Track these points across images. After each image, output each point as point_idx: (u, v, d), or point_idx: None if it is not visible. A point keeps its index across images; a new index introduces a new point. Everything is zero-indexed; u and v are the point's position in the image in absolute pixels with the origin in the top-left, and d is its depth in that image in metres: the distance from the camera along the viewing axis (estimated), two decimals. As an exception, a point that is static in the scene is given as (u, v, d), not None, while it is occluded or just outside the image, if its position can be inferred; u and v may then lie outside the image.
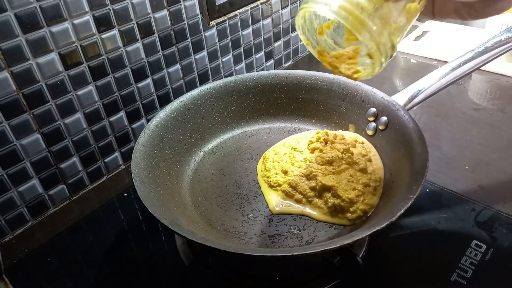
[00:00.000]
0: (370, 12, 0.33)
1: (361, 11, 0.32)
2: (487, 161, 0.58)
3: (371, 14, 0.33)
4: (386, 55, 0.35)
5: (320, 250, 0.33)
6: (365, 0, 0.32)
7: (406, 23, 0.35)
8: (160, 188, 0.46)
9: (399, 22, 0.34)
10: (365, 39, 0.34)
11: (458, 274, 0.43)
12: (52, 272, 0.48)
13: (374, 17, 0.33)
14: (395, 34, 0.34)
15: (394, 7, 0.33)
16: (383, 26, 0.33)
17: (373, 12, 0.33)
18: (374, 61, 0.35)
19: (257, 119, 0.62)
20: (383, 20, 0.33)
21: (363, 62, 0.37)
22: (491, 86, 0.76)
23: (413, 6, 0.34)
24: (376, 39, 0.34)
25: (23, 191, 0.52)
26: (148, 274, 0.47)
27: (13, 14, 0.44)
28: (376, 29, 0.33)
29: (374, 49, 0.34)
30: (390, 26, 0.34)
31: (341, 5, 0.33)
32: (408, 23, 0.35)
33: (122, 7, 0.53)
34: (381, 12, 0.33)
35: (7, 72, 0.46)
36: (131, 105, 0.61)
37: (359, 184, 0.47)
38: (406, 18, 0.35)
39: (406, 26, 0.35)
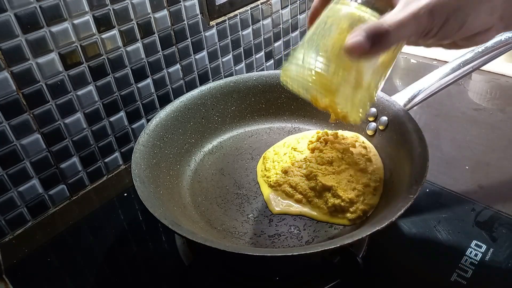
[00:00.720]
0: (342, 77, 0.33)
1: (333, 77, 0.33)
2: (487, 161, 0.58)
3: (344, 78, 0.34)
4: (363, 109, 0.36)
5: (320, 250, 0.33)
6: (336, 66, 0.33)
7: (383, 73, 0.36)
8: (160, 188, 0.46)
9: (375, 75, 0.35)
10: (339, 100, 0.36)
11: (458, 274, 0.43)
12: (52, 272, 0.48)
13: (347, 82, 0.34)
14: (371, 88, 0.35)
15: (366, 64, 0.34)
16: (357, 86, 0.34)
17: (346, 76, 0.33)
18: (353, 115, 0.37)
19: (257, 119, 0.62)
20: (356, 81, 0.34)
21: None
22: (491, 86, 0.76)
23: (387, 57, 0.35)
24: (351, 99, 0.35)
25: (23, 191, 0.52)
26: (148, 274, 0.47)
27: (13, 14, 0.44)
28: (350, 91, 0.34)
29: (347, 109, 0.36)
30: (364, 84, 0.34)
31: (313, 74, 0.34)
32: (385, 71, 0.36)
33: (122, 7, 0.53)
34: (354, 73, 0.34)
35: (7, 72, 0.46)
36: (131, 105, 0.61)
37: (359, 184, 0.47)
38: (382, 69, 0.35)
39: (383, 75, 0.36)
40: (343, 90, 0.34)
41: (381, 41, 0.29)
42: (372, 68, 0.34)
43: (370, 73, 0.35)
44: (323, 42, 0.33)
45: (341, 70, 0.33)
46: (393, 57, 0.35)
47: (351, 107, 0.36)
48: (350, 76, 0.34)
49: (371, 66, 0.34)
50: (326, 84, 0.34)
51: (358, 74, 0.34)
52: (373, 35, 0.29)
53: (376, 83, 0.36)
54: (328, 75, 0.33)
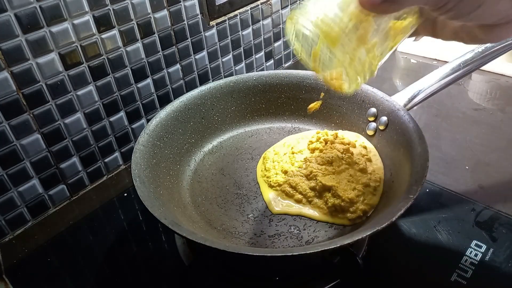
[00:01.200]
0: (346, 27, 0.32)
1: (337, 25, 0.32)
2: (487, 161, 0.58)
3: (348, 29, 0.32)
4: (362, 72, 0.34)
5: (320, 250, 0.33)
6: (344, 15, 0.32)
7: (390, 41, 0.34)
8: (160, 188, 0.46)
9: (381, 40, 0.34)
10: (338, 53, 0.34)
11: (458, 274, 0.43)
12: (52, 272, 0.48)
13: (351, 33, 0.32)
14: (373, 51, 0.34)
15: (375, 23, 0.32)
16: (359, 42, 0.33)
17: (351, 27, 0.32)
18: (349, 76, 0.35)
19: (257, 119, 0.62)
20: (360, 36, 0.33)
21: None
22: (491, 86, 0.76)
23: (398, 24, 0.33)
24: (350, 54, 0.33)
25: (23, 191, 0.52)
26: (148, 274, 0.47)
27: (13, 14, 0.44)
28: (351, 45, 0.33)
29: (347, 63, 0.34)
30: (367, 43, 0.33)
31: (320, 18, 0.32)
32: (393, 41, 0.34)
33: (122, 7, 0.53)
34: (360, 27, 0.32)
35: (7, 72, 0.46)
36: (131, 105, 0.61)
37: (359, 184, 0.47)
38: (391, 36, 0.34)
39: (389, 45, 0.34)
40: (345, 40, 0.32)
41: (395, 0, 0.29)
42: (380, 30, 0.33)
43: (377, 34, 0.33)
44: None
45: (347, 18, 0.32)
46: (405, 28, 0.34)
47: (349, 65, 0.34)
48: (356, 28, 0.32)
49: (379, 26, 0.33)
50: (329, 29, 0.32)
51: (364, 30, 0.32)
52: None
53: (380, 50, 0.34)
54: (333, 19, 0.32)
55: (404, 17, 0.33)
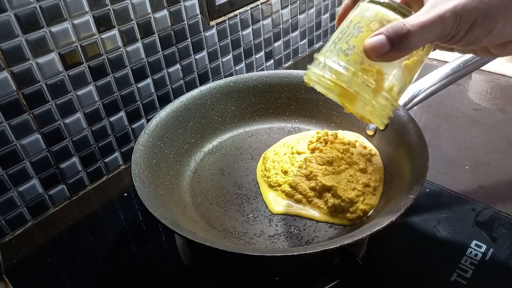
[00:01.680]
0: (360, 83, 0.32)
1: (351, 85, 0.32)
2: (487, 161, 0.58)
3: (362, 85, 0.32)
4: (386, 113, 0.35)
5: (320, 250, 0.33)
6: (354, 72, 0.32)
7: (406, 77, 0.34)
8: (160, 188, 0.46)
9: (397, 81, 0.34)
10: (360, 108, 0.34)
11: (458, 274, 0.43)
12: (52, 272, 0.48)
13: (365, 87, 0.33)
14: (391, 93, 0.34)
15: (387, 71, 0.32)
16: (375, 92, 0.33)
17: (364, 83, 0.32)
18: (374, 122, 0.36)
19: (257, 119, 0.62)
20: (375, 88, 0.33)
21: None
22: (491, 86, 0.76)
23: (410, 62, 0.33)
24: (370, 107, 0.34)
25: (23, 191, 0.52)
26: (148, 274, 0.47)
27: (13, 14, 0.44)
28: (368, 98, 0.33)
29: (367, 115, 0.35)
30: (383, 90, 0.33)
31: (333, 81, 0.33)
32: (409, 76, 0.34)
33: (122, 7, 0.53)
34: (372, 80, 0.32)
35: (7, 72, 0.46)
36: (131, 105, 0.61)
37: (359, 184, 0.47)
38: (406, 74, 0.34)
39: (407, 80, 0.34)
40: (363, 93, 0.33)
41: (402, 43, 0.28)
42: (394, 71, 0.33)
43: (392, 77, 0.33)
44: (345, 43, 0.32)
45: (360, 72, 0.32)
46: (419, 60, 0.34)
47: (370, 113, 0.35)
48: (370, 79, 0.32)
49: (393, 69, 0.33)
50: (345, 87, 0.33)
51: (379, 77, 0.32)
52: (394, 36, 0.28)
53: (399, 88, 0.34)
54: (347, 77, 0.32)
55: (415, 52, 0.33)
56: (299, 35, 0.87)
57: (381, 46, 0.28)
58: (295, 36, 0.86)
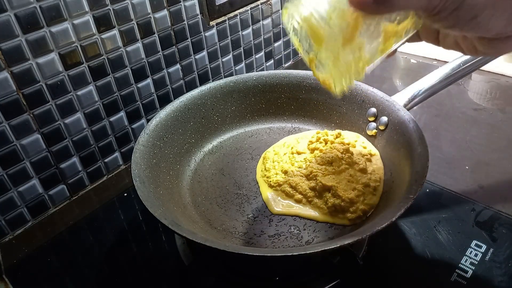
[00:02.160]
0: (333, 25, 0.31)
1: (325, 22, 0.31)
2: (487, 161, 0.58)
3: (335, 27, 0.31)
4: (346, 73, 0.34)
5: (320, 250, 0.33)
6: (333, 12, 0.31)
7: (380, 44, 0.33)
8: (160, 188, 0.46)
9: (369, 41, 0.33)
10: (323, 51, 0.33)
11: (458, 274, 0.43)
12: (52, 272, 0.48)
13: (337, 31, 0.31)
14: (360, 52, 0.33)
15: (364, 23, 0.31)
16: (345, 40, 0.32)
17: (338, 26, 0.31)
18: (333, 77, 0.34)
19: (257, 119, 0.62)
20: (346, 34, 0.31)
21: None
22: (491, 86, 0.76)
23: (390, 27, 0.32)
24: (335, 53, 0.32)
25: (23, 191, 0.52)
26: (148, 274, 0.47)
27: (13, 14, 0.44)
28: (336, 43, 0.32)
29: (331, 62, 0.33)
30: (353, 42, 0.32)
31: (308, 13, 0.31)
32: (383, 44, 0.33)
33: (122, 7, 0.53)
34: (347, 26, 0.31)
35: (7, 72, 0.46)
36: (131, 105, 0.61)
37: (359, 184, 0.47)
38: (381, 39, 0.33)
39: (379, 47, 0.33)
40: (332, 39, 0.32)
41: (387, 1, 0.28)
42: (370, 32, 0.32)
43: (367, 36, 0.32)
44: None
45: (335, 15, 0.31)
46: (398, 33, 0.33)
47: (333, 64, 0.33)
48: (344, 27, 0.31)
49: (370, 29, 0.32)
50: (316, 26, 0.31)
51: (351, 29, 0.31)
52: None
53: (369, 53, 0.33)
54: (321, 16, 0.31)
55: (398, 20, 0.32)
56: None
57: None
58: None
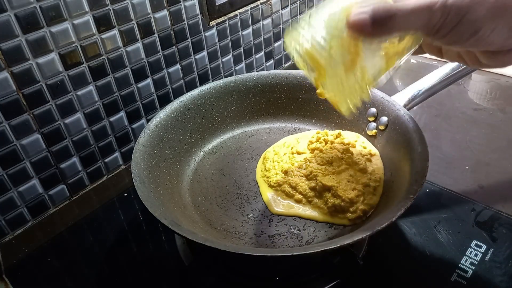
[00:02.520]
0: (334, 54, 0.31)
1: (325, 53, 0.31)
2: (487, 161, 0.58)
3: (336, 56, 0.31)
4: (352, 96, 0.34)
5: (320, 250, 0.33)
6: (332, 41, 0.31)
7: (382, 64, 0.33)
8: (160, 188, 0.46)
9: (372, 63, 0.33)
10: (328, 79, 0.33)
11: (458, 274, 0.43)
12: (52, 272, 0.48)
13: (338, 59, 0.31)
14: (363, 75, 0.33)
15: (364, 46, 0.31)
16: (347, 68, 0.32)
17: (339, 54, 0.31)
18: (339, 101, 0.35)
19: (257, 119, 0.62)
20: (347, 62, 0.32)
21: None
22: (491, 86, 0.76)
23: (391, 47, 0.32)
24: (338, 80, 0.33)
25: (23, 191, 0.52)
26: (148, 274, 0.47)
27: (13, 14, 0.44)
28: (338, 71, 0.32)
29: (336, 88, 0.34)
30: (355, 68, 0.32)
31: (309, 45, 0.32)
32: (386, 64, 0.33)
33: (122, 7, 0.53)
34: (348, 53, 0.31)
35: (7, 72, 0.46)
36: (131, 105, 0.61)
37: (359, 184, 0.47)
38: (383, 59, 0.33)
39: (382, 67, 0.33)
40: (334, 68, 0.32)
41: (385, 24, 0.28)
42: (372, 55, 0.32)
43: (368, 60, 0.32)
44: (331, 12, 0.31)
45: (337, 45, 0.31)
46: (399, 52, 0.33)
47: (338, 91, 0.34)
48: (345, 55, 0.31)
49: (371, 52, 0.32)
50: (317, 57, 0.32)
51: (355, 55, 0.31)
52: (378, 15, 0.28)
53: (372, 75, 0.33)
54: (321, 46, 0.31)
55: (398, 39, 0.32)
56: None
57: (363, 23, 0.28)
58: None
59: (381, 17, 0.28)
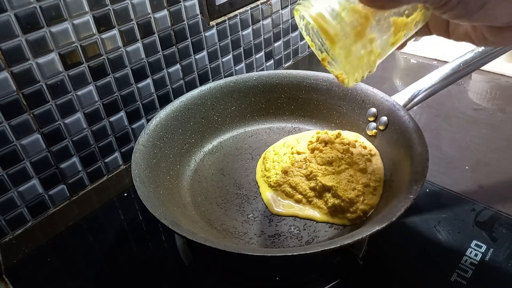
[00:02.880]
0: (344, 22, 0.32)
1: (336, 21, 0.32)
2: (487, 161, 0.58)
3: (346, 24, 0.32)
4: (359, 67, 0.34)
5: (320, 250, 0.33)
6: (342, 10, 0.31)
7: (391, 37, 0.34)
8: (160, 188, 0.46)
9: (380, 35, 0.33)
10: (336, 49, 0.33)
11: (458, 274, 0.43)
12: (52, 272, 0.48)
13: (348, 28, 0.32)
14: (371, 46, 0.33)
15: (374, 18, 0.32)
16: (356, 36, 0.32)
17: (349, 23, 0.32)
18: (346, 71, 0.35)
19: (257, 119, 0.62)
20: (358, 31, 0.32)
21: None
22: (491, 86, 0.76)
23: (400, 20, 0.33)
24: (347, 49, 0.33)
25: (23, 191, 0.52)
26: (148, 274, 0.47)
27: (13, 14, 0.44)
28: (348, 40, 0.32)
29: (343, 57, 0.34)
30: (365, 37, 0.32)
31: (319, 12, 0.32)
32: (394, 37, 0.34)
33: (122, 7, 0.53)
34: (358, 23, 0.32)
35: (7, 72, 0.46)
36: (131, 105, 0.61)
37: (359, 184, 0.47)
38: (392, 32, 0.33)
39: (390, 41, 0.34)
40: (343, 36, 0.32)
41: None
42: (380, 25, 0.33)
43: (377, 30, 0.33)
44: None
45: (345, 13, 0.31)
46: (407, 25, 0.33)
47: (345, 59, 0.34)
48: (355, 25, 0.32)
49: (379, 21, 0.32)
50: (327, 25, 0.32)
51: (362, 26, 0.32)
52: None
53: (380, 45, 0.34)
54: (331, 14, 0.32)
55: (406, 13, 0.33)
56: (299, 35, 0.87)
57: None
58: (295, 36, 0.86)
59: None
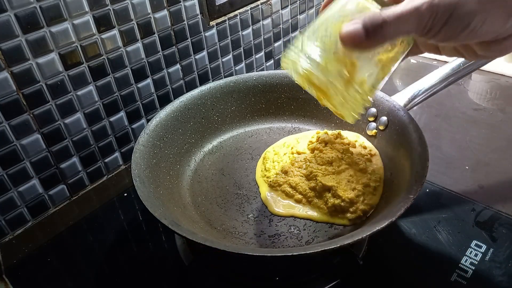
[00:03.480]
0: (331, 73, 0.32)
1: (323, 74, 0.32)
2: (487, 161, 0.58)
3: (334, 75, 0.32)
4: (355, 106, 0.35)
5: (320, 250, 0.33)
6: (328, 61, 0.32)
7: (379, 73, 0.34)
8: (160, 188, 0.46)
9: (369, 74, 0.34)
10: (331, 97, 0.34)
11: (458, 274, 0.43)
12: (52, 272, 0.48)
13: (337, 78, 0.32)
14: (362, 87, 0.34)
15: (359, 60, 0.32)
16: (347, 84, 0.33)
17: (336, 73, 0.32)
18: (343, 114, 0.36)
19: (257, 119, 0.62)
20: (347, 79, 0.33)
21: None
22: (491, 86, 0.76)
23: (385, 55, 0.33)
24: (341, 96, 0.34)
25: (23, 191, 0.52)
26: (148, 274, 0.47)
27: (13, 14, 0.44)
28: (339, 89, 0.33)
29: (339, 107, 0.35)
30: (355, 82, 0.33)
31: (306, 69, 0.33)
32: (383, 72, 0.34)
33: (122, 7, 0.53)
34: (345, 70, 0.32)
35: (7, 72, 0.46)
36: (131, 105, 0.61)
37: (359, 184, 0.47)
38: (379, 68, 0.34)
39: (379, 76, 0.34)
40: (334, 83, 0.33)
41: (377, 33, 0.28)
42: (367, 65, 0.33)
43: (365, 70, 0.33)
44: (324, 29, 0.32)
45: (332, 62, 0.32)
46: (394, 58, 0.34)
47: (341, 105, 0.35)
48: (342, 71, 0.32)
49: (366, 62, 0.33)
50: (318, 75, 0.33)
51: (352, 69, 0.32)
52: (369, 25, 0.28)
53: (371, 83, 0.34)
54: (322, 66, 0.32)
55: (389, 49, 0.33)
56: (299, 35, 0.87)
57: (356, 35, 0.29)
58: (295, 36, 0.86)
59: (373, 26, 0.28)
